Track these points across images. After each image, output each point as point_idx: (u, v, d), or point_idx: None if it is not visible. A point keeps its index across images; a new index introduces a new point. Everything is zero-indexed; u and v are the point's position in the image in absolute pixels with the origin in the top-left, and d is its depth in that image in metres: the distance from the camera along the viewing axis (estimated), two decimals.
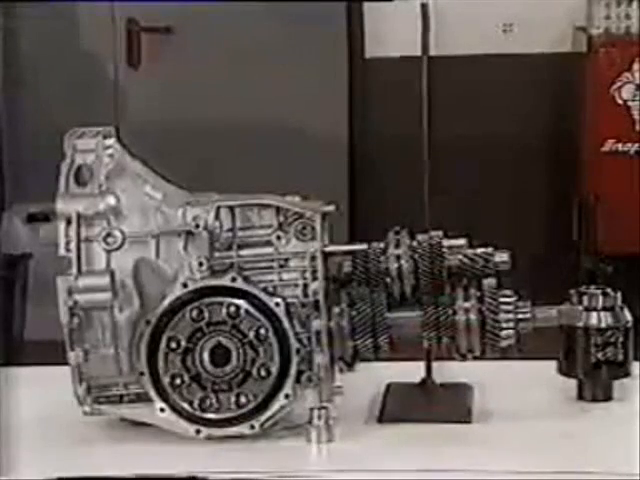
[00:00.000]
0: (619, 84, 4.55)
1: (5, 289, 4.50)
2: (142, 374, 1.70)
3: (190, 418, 1.69)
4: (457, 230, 1.74)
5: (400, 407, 1.79)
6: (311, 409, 1.68)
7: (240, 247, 1.71)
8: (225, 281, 1.69)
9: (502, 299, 1.71)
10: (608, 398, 1.82)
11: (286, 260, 1.71)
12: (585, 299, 1.79)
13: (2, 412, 1.79)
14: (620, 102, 4.54)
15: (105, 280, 1.69)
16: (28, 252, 4.51)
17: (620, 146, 4.55)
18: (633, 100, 4.54)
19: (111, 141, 1.73)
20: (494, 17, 4.88)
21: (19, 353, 4.23)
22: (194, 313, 1.68)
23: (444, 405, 1.79)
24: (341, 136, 5.29)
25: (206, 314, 1.68)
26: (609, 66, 4.58)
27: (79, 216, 1.70)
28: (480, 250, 1.72)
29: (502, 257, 1.72)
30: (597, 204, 4.46)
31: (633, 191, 4.47)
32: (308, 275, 1.69)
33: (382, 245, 1.71)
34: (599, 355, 1.78)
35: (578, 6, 4.72)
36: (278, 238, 1.71)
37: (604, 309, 1.79)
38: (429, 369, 1.81)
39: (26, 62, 5.12)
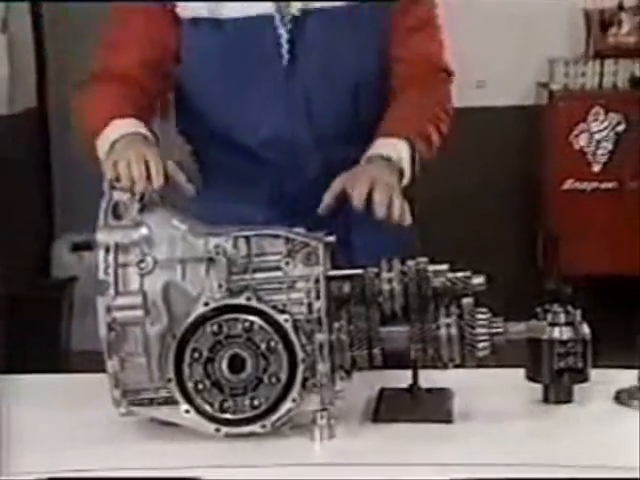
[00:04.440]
0: (576, 132, 4.56)
1: (55, 307, 4.50)
2: (170, 380, 1.68)
3: (211, 418, 1.68)
4: (440, 257, 1.73)
5: (391, 409, 1.77)
6: (315, 411, 1.67)
7: (254, 271, 1.70)
8: (241, 300, 1.67)
9: (479, 316, 1.70)
10: (569, 400, 1.80)
11: (293, 282, 1.69)
12: (549, 316, 1.78)
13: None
14: (577, 148, 4.55)
15: (138, 300, 1.68)
16: (74, 276, 4.52)
17: (578, 185, 4.56)
18: (588, 146, 4.55)
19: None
20: (469, 75, 4.88)
21: (66, 361, 4.22)
22: (214, 328, 1.67)
23: (429, 407, 1.77)
24: None
25: (225, 329, 1.67)
26: (567, 117, 4.59)
27: (116, 245, 1.69)
28: (460, 274, 1.71)
29: (479, 280, 1.71)
30: (559, 234, 4.47)
31: (589, 222, 4.49)
32: (312, 295, 1.68)
33: (376, 270, 1.70)
34: (561, 363, 1.77)
35: (541, 65, 4.73)
36: (287, 263, 1.69)
37: (566, 324, 1.78)
38: (416, 376, 1.79)
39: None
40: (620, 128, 4.55)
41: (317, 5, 2.04)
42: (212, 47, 2.06)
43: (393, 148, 1.98)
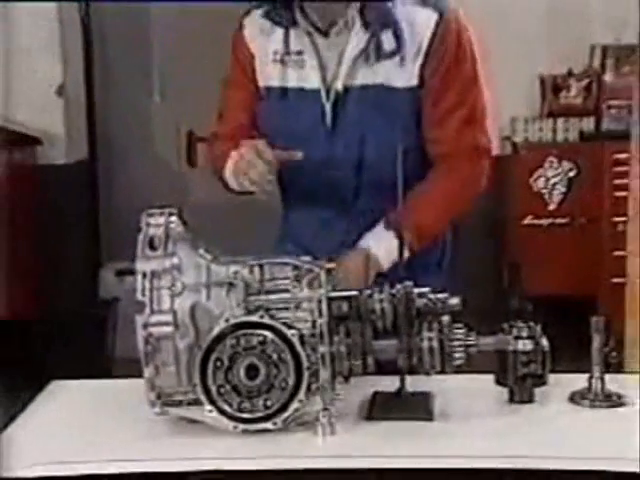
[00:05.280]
0: (535, 177, 4.57)
1: (101, 323, 4.50)
2: (196, 385, 1.66)
3: (230, 417, 1.66)
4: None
5: (382, 409, 1.75)
6: (318, 410, 1.66)
7: (267, 293, 1.68)
8: (256, 318, 1.66)
9: (455, 331, 1.69)
10: (531, 401, 1.78)
11: (300, 303, 1.67)
12: (514, 330, 1.76)
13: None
14: (536, 190, 4.57)
15: (170, 318, 1.67)
16: (117, 296, 4.51)
17: (536, 221, 4.58)
18: (545, 188, 4.57)
19: (174, 218, 1.72)
20: None
21: (111, 368, 4.21)
22: (233, 341, 1.65)
23: (414, 407, 1.75)
24: None
25: (242, 342, 1.65)
26: (528, 164, 4.60)
27: (152, 272, 1.68)
28: (440, 295, 1.69)
29: (455, 301, 1.70)
30: (521, 262, 4.47)
31: (546, 251, 4.50)
32: (316, 314, 1.66)
33: (369, 292, 1.69)
34: (524, 370, 1.75)
35: (505, 122, 4.73)
36: (294, 287, 1.68)
37: (527, 337, 1.76)
38: (403, 381, 1.77)
39: (121, 161, 5.11)
40: (571, 174, 4.57)
41: (357, 83, 2.05)
42: (279, 109, 2.11)
43: (377, 242, 2.02)
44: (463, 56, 2.06)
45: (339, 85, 2.06)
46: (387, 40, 2.03)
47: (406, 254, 1.88)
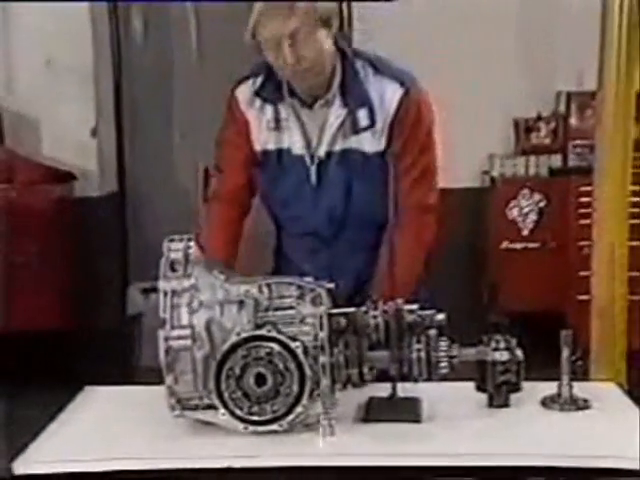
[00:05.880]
0: (510, 207, 4.57)
1: (128, 336, 4.49)
2: (211, 391, 1.65)
3: (241, 420, 1.65)
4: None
5: (377, 412, 1.74)
6: (319, 414, 1.64)
7: (274, 309, 1.68)
8: (264, 332, 1.65)
9: (441, 343, 1.68)
10: (507, 405, 1.77)
11: (303, 318, 1.67)
12: (492, 342, 1.75)
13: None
14: (511, 218, 4.57)
15: (187, 332, 1.66)
16: (142, 312, 4.50)
17: (511, 245, 4.58)
18: (519, 217, 4.57)
19: (192, 243, 1.72)
20: None
21: (137, 376, 4.19)
22: (244, 352, 1.64)
23: (404, 411, 1.73)
24: None
25: (252, 353, 1.64)
26: (504, 196, 4.60)
27: (172, 291, 1.68)
28: (427, 311, 1.69)
29: (440, 316, 1.69)
30: (498, 281, 4.47)
31: (520, 272, 4.49)
32: (317, 328, 1.65)
33: (364, 308, 1.68)
34: (501, 378, 1.74)
35: (483, 159, 4.73)
36: (298, 304, 1.67)
37: (504, 349, 1.74)
38: (394, 388, 1.76)
39: (147, 193, 5.11)
40: (542, 204, 4.57)
41: (336, 149, 2.08)
42: (274, 171, 2.13)
43: None
44: (420, 126, 2.08)
45: (322, 152, 2.09)
46: (362, 116, 2.06)
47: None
